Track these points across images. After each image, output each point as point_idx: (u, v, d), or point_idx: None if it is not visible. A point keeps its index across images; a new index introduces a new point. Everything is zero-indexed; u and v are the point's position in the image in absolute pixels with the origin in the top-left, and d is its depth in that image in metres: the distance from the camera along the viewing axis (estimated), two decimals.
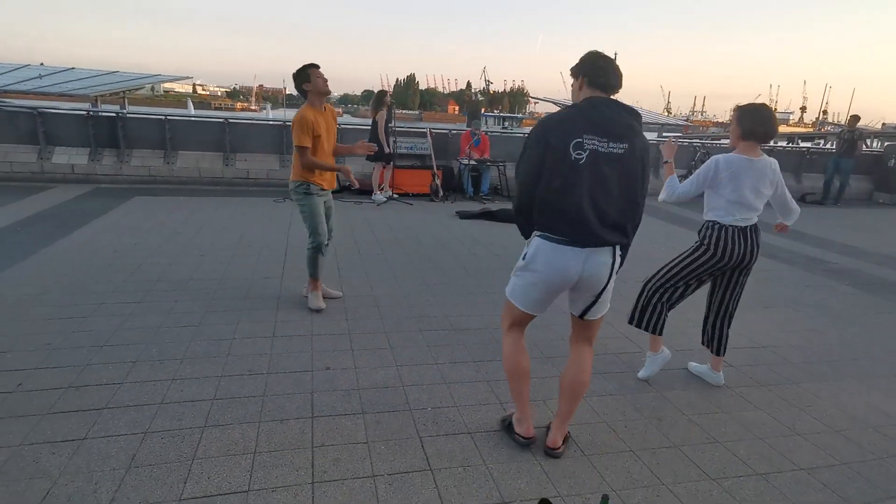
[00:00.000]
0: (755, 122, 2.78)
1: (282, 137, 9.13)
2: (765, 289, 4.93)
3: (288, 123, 9.51)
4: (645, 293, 3.11)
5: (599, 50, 2.14)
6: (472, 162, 9.03)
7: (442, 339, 3.50)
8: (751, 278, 3.05)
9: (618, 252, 2.16)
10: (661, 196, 3.08)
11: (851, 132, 10.59)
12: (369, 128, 8.30)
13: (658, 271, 3.11)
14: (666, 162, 3.16)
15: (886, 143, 12.82)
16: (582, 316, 2.26)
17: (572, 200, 2.01)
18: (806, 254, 6.49)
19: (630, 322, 3.14)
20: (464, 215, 7.52)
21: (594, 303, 2.20)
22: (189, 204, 7.24)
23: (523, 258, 2.21)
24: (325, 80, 3.63)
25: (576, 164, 1.98)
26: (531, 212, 2.13)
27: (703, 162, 11.41)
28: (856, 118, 10.84)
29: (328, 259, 4.05)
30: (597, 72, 2.08)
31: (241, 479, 2.09)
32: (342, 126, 8.87)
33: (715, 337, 3.09)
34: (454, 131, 10.11)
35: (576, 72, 2.14)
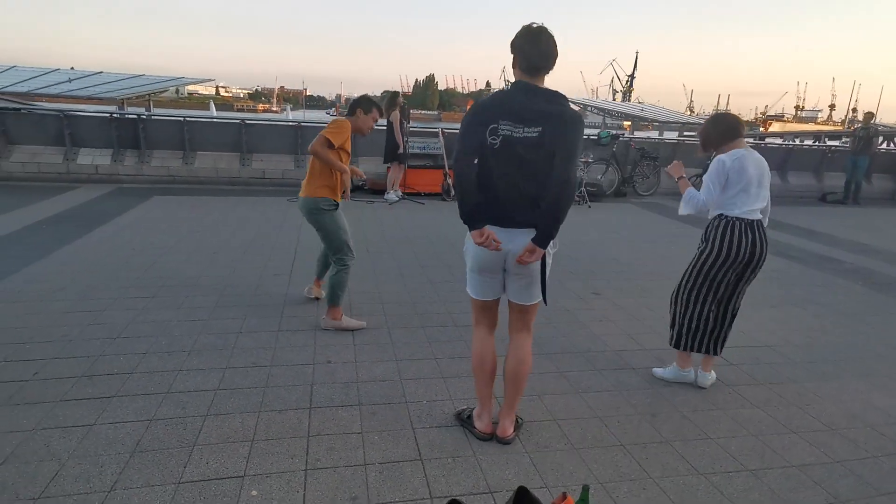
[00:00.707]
0: (725, 122, 2.90)
1: (297, 138, 9.29)
2: (773, 287, 4.88)
3: (304, 124, 9.70)
4: (674, 315, 3.07)
5: (533, 25, 2.05)
6: None
7: (443, 335, 3.56)
8: (760, 276, 3.03)
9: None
10: (684, 210, 2.99)
11: (866, 129, 10.34)
12: (385, 128, 8.40)
13: (677, 287, 3.07)
14: (679, 178, 3.12)
15: None
16: (514, 300, 2.32)
17: (490, 184, 2.09)
18: (819, 253, 6.39)
19: (670, 344, 3.09)
20: None
21: (524, 287, 2.26)
22: (206, 203, 7.43)
23: (464, 248, 2.33)
24: (371, 127, 3.56)
25: (491, 148, 2.05)
26: (472, 196, 2.13)
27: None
28: (870, 115, 10.57)
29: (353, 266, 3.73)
30: (521, 53, 2.05)
31: (237, 465, 2.17)
32: None
33: (717, 339, 3.01)
34: None
35: (511, 49, 2.09)
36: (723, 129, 2.87)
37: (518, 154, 2.05)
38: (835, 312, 4.38)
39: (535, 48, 2.03)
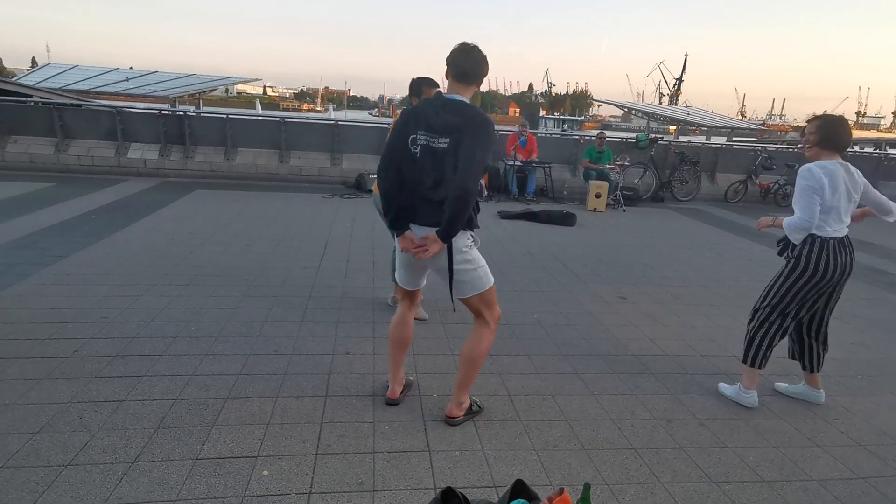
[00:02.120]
0: (835, 131, 2.63)
1: (333, 136, 9.50)
2: None
3: (340, 122, 9.92)
4: (750, 329, 2.88)
5: (467, 42, 2.25)
6: (518, 163, 9.04)
7: (461, 332, 3.57)
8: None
9: (455, 238, 2.24)
10: (797, 236, 2.67)
11: None
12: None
13: (760, 303, 2.85)
14: (770, 226, 2.84)
15: None
16: (451, 292, 2.39)
17: (409, 186, 2.27)
18: (869, 265, 6.07)
19: (743, 361, 2.89)
20: (505, 215, 7.55)
21: (449, 282, 2.34)
22: (244, 198, 7.70)
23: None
24: None
25: (411, 156, 2.23)
26: (391, 204, 2.33)
27: (764, 167, 10.80)
28: None
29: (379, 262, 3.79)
30: (454, 64, 2.23)
31: (252, 446, 2.26)
32: None
33: (814, 356, 2.92)
34: (501, 132, 10.14)
35: (445, 62, 2.28)
36: (826, 136, 2.63)
37: (430, 163, 2.20)
38: (878, 328, 4.17)
39: (466, 57, 2.23)
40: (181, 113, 9.32)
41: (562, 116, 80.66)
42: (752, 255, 6.37)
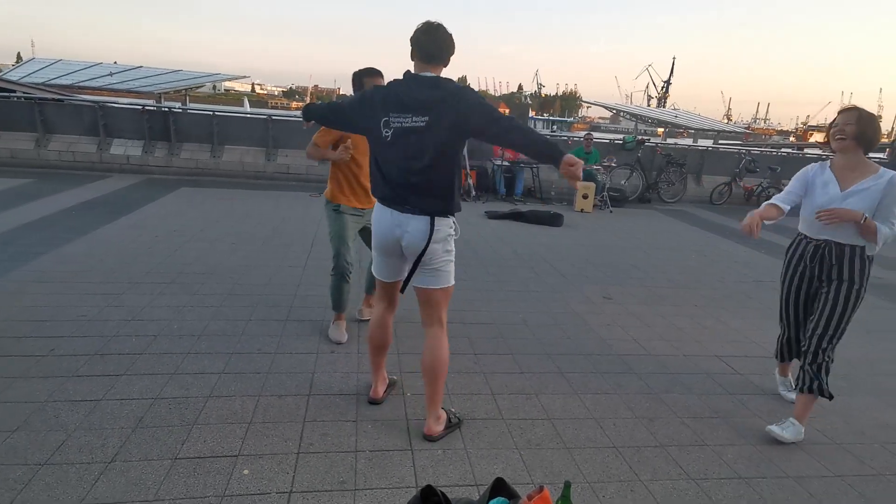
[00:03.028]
0: (877, 128, 2.43)
1: None
2: None
3: None
4: (827, 360, 2.58)
5: (431, 21, 2.14)
6: (506, 163, 9.06)
7: (449, 331, 3.56)
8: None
9: (437, 222, 2.19)
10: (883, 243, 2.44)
11: None
12: None
13: (833, 334, 2.57)
14: (864, 220, 2.40)
15: None
16: (416, 284, 2.31)
17: (386, 171, 2.19)
18: None
19: (831, 398, 2.58)
20: (492, 215, 7.57)
21: (424, 271, 2.26)
22: (230, 196, 7.63)
23: None
24: None
25: (385, 140, 2.14)
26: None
27: (748, 170, 10.94)
28: None
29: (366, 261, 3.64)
30: (418, 45, 2.12)
31: (233, 445, 2.24)
32: None
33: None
34: None
35: (410, 42, 2.17)
36: (868, 134, 2.42)
37: (409, 144, 2.10)
38: (858, 329, 4.19)
39: (430, 39, 2.12)
40: (166, 109, 9.20)
41: (551, 117, 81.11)
42: (737, 256, 6.45)
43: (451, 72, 2.24)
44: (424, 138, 2.09)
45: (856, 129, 2.40)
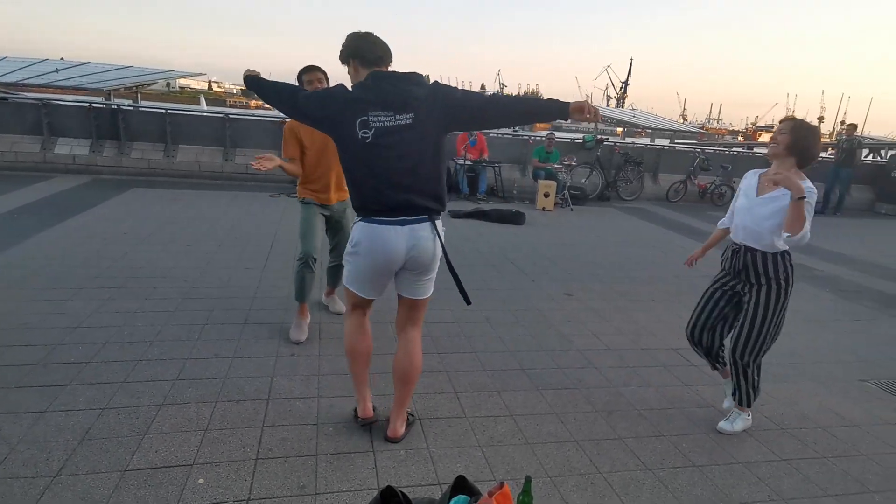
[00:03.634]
0: (813, 140, 2.42)
1: (281, 133, 9.24)
2: None
3: (288, 120, 9.68)
4: (752, 369, 2.61)
5: (357, 31, 2.14)
6: (468, 162, 9.10)
7: None
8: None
9: (438, 225, 2.13)
10: (795, 241, 2.40)
11: (850, 141, 10.51)
12: None
13: (758, 343, 2.57)
14: (800, 198, 2.28)
15: (890, 153, 12.68)
16: (409, 295, 2.25)
17: (369, 177, 2.03)
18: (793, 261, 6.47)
19: (748, 406, 2.66)
20: (455, 214, 7.58)
21: (422, 279, 2.21)
22: (185, 197, 7.38)
23: (351, 244, 2.16)
24: (317, 88, 3.22)
25: (363, 142, 1.99)
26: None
27: (701, 168, 11.29)
28: (853, 127, 10.76)
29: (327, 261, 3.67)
30: (363, 51, 2.08)
31: (187, 454, 2.17)
32: None
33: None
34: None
35: (344, 58, 2.13)
36: (816, 154, 2.45)
37: (394, 145, 1.99)
38: (801, 318, 4.45)
39: (370, 44, 2.09)
40: (115, 106, 8.82)
41: None
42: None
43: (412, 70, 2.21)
44: (411, 136, 2.00)
45: (789, 138, 2.41)
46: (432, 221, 2.12)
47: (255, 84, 2.31)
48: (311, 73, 3.17)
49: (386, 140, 1.99)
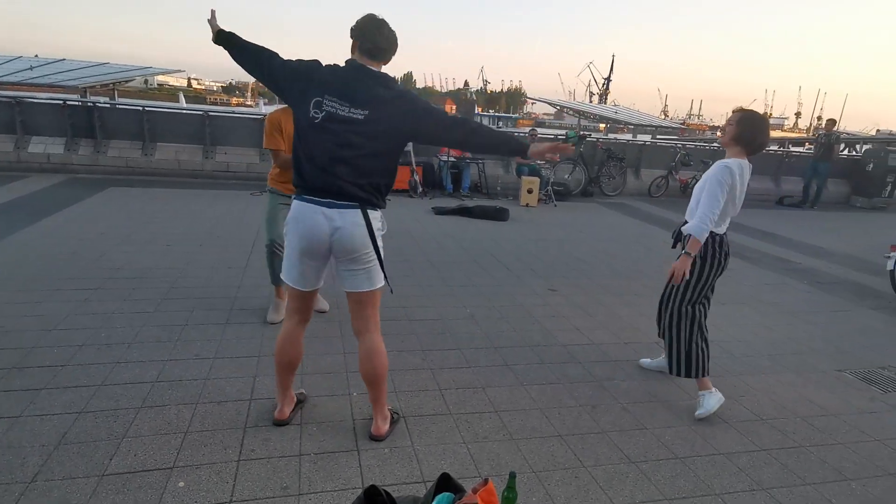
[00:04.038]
0: (757, 130, 2.60)
1: (262, 131, 9.12)
2: (725, 286, 5.00)
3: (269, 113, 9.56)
4: (683, 341, 2.78)
5: (375, 14, 2.08)
6: (452, 159, 9.09)
7: (394, 328, 3.55)
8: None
9: (371, 215, 2.09)
10: (705, 235, 2.61)
11: (828, 136, 10.72)
12: None
13: (678, 315, 2.77)
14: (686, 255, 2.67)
15: (865, 148, 12.97)
16: (349, 288, 2.20)
17: (308, 157, 2.04)
18: (772, 253, 6.60)
19: (678, 375, 2.81)
20: (439, 211, 7.57)
21: (355, 270, 2.14)
22: (165, 195, 7.26)
23: (286, 223, 2.16)
24: None
25: (312, 121, 2.01)
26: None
27: (683, 163, 11.42)
28: (832, 122, 10.96)
29: None
30: (365, 36, 2.05)
31: (167, 457, 2.13)
32: None
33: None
34: None
35: (352, 32, 2.10)
36: (748, 135, 2.60)
37: (340, 133, 2.00)
38: (780, 311, 4.53)
39: (380, 33, 2.05)
40: (90, 104, 8.63)
41: (497, 114, 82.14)
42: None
43: (396, 68, 2.21)
44: (358, 131, 1.99)
45: (735, 129, 2.58)
46: (363, 210, 2.07)
47: (226, 39, 2.18)
48: None
49: (332, 126, 2.00)
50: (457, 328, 3.63)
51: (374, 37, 2.04)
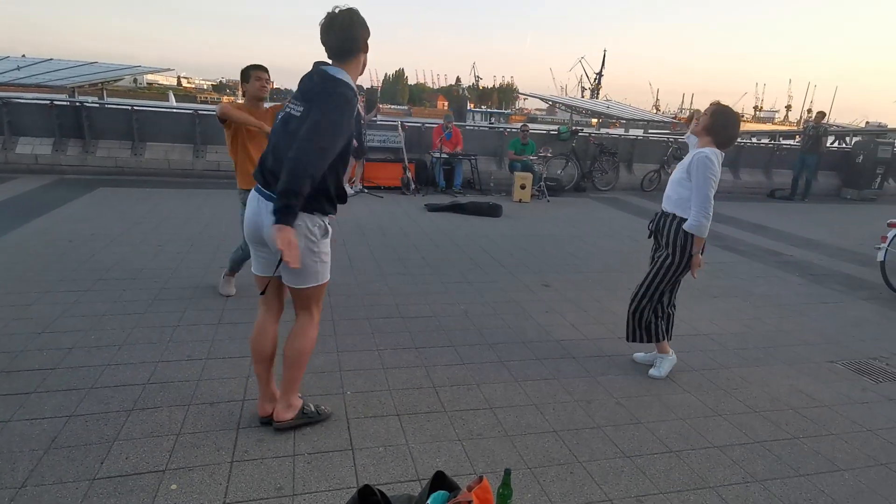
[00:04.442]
0: (729, 124, 2.76)
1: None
2: (717, 280, 5.04)
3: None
4: (634, 315, 3.09)
5: (331, 10, 2.06)
6: (444, 155, 9.07)
7: (388, 326, 3.54)
8: (706, 269, 3.20)
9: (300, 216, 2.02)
10: (706, 230, 2.78)
11: (816, 128, 10.77)
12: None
13: (641, 292, 3.04)
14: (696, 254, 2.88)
15: (855, 140, 13.05)
16: (283, 280, 2.21)
17: (266, 151, 2.13)
18: (763, 246, 6.63)
19: (628, 339, 3.17)
20: (432, 208, 7.56)
21: (279, 263, 2.03)
22: (155, 195, 7.19)
23: None
24: (263, 86, 3.62)
25: (277, 123, 2.13)
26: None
27: (675, 157, 11.48)
28: (821, 114, 11.02)
29: None
30: (321, 40, 2.07)
31: (159, 459, 2.11)
32: None
33: (671, 324, 3.18)
34: (427, 125, 10.14)
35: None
36: (734, 138, 2.80)
37: (286, 131, 2.04)
38: (772, 303, 4.55)
39: (328, 34, 2.05)
40: (79, 104, 8.53)
41: (489, 110, 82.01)
42: None
43: (388, 64, 2.19)
44: (297, 127, 1.98)
45: (708, 121, 2.77)
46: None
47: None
48: (257, 70, 3.61)
49: (284, 126, 2.08)
50: (451, 325, 3.62)
51: (325, 39, 2.05)
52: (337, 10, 2.04)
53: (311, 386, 2.74)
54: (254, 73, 3.59)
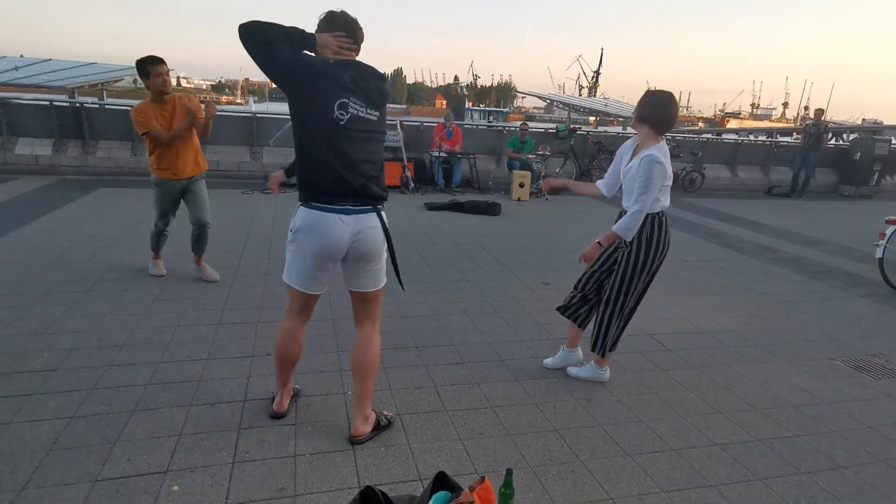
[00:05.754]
0: (661, 107, 2.63)
1: (252, 130, 9.08)
2: (716, 277, 5.04)
3: (259, 115, 9.49)
4: (605, 324, 2.86)
5: (333, 10, 2.05)
6: (443, 154, 9.06)
7: (388, 325, 3.52)
8: (704, 266, 3.08)
9: (383, 215, 2.18)
10: (634, 232, 2.67)
11: (816, 126, 10.77)
12: None
13: (618, 296, 2.78)
14: (599, 243, 2.79)
15: (852, 137, 13.06)
16: (359, 288, 2.24)
17: (335, 160, 2.00)
18: (762, 244, 6.63)
19: (600, 354, 2.93)
20: (432, 206, 7.55)
21: (369, 273, 2.20)
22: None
23: (292, 231, 2.14)
24: (165, 80, 3.58)
25: (339, 124, 1.98)
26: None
27: (672, 155, 11.50)
28: (820, 112, 11.02)
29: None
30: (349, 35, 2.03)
31: (161, 460, 2.11)
32: None
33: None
34: (426, 124, 10.13)
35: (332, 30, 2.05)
36: (669, 120, 2.64)
37: (360, 134, 2.04)
38: (772, 300, 4.56)
39: (355, 27, 2.06)
40: (78, 104, 8.51)
41: (487, 108, 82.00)
42: None
43: (386, 63, 2.21)
44: (374, 129, 2.08)
45: (638, 111, 2.66)
46: (378, 211, 2.15)
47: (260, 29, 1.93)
48: (157, 65, 3.61)
49: (357, 126, 2.03)
50: (451, 324, 3.62)
51: (355, 33, 2.06)
52: (338, 11, 2.06)
53: (311, 385, 2.74)
54: (153, 70, 3.55)
